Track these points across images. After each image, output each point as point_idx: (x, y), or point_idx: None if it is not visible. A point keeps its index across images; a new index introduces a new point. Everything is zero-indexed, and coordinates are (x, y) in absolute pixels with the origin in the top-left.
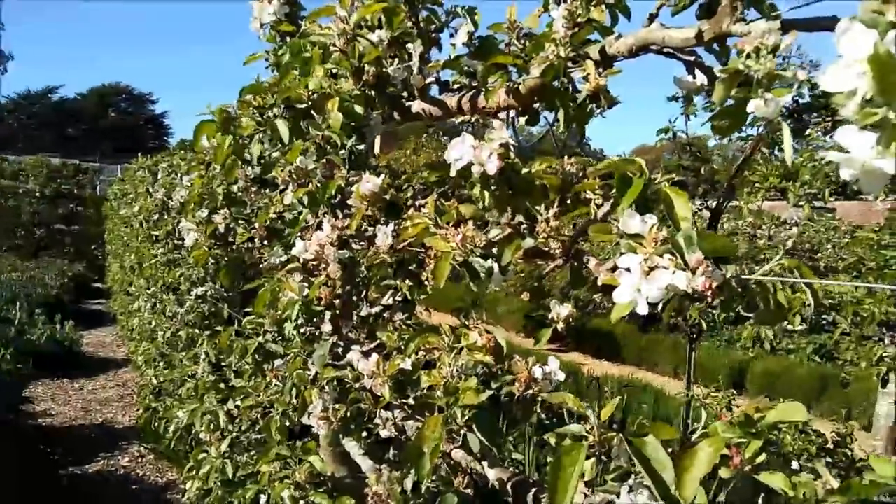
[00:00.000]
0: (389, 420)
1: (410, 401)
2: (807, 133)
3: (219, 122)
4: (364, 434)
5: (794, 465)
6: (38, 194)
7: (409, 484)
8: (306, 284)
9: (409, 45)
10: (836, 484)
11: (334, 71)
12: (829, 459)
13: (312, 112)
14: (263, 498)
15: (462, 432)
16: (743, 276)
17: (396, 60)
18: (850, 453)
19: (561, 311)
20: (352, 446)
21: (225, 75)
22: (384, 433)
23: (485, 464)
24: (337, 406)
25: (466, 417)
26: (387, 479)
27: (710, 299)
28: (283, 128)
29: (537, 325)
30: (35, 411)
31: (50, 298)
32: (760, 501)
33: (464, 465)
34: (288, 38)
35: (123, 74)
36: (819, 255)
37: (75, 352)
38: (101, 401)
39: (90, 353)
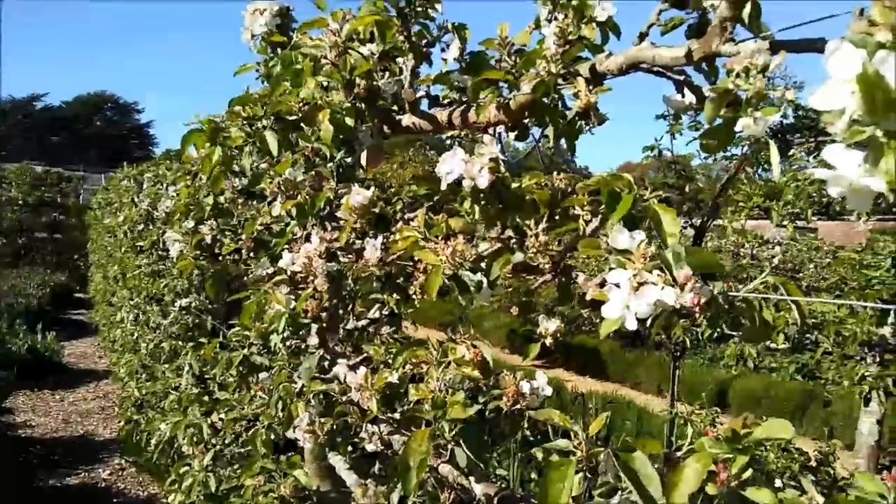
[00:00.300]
0: (376, 434)
1: (396, 415)
2: (790, 153)
3: (207, 132)
4: (349, 448)
5: (778, 482)
6: (20, 202)
7: (395, 498)
8: (293, 297)
9: (399, 59)
10: (821, 500)
11: (325, 83)
12: (812, 477)
13: (302, 124)
14: None
15: (449, 447)
16: (730, 293)
17: (387, 74)
18: (832, 472)
19: (549, 325)
20: (337, 460)
21: (212, 83)
22: (370, 447)
23: (472, 479)
24: (323, 419)
25: (454, 431)
26: (372, 494)
27: (697, 315)
28: (271, 139)
29: (524, 340)
30: (15, 422)
31: (31, 308)
32: None
33: (450, 480)
34: (279, 50)
35: (108, 81)
36: (801, 274)
37: (56, 362)
38: (81, 412)
39: (71, 363)
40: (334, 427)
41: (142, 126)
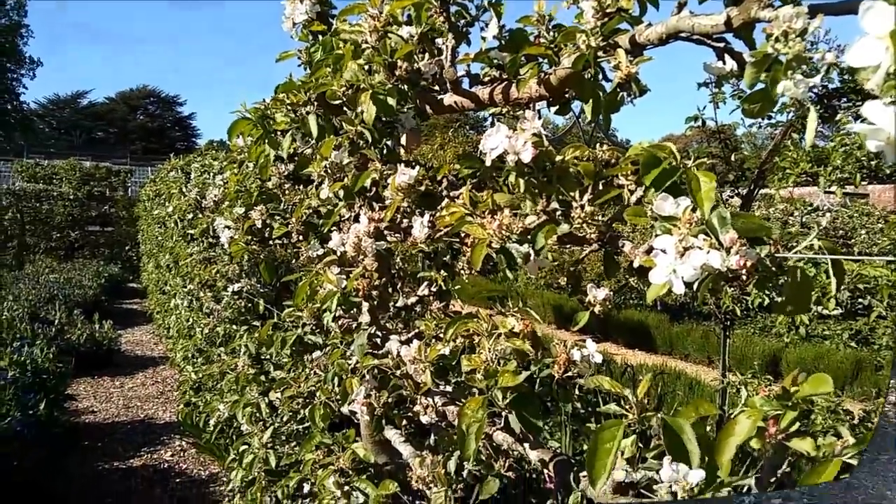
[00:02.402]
0: (430, 406)
1: (449, 388)
2: (837, 118)
3: (254, 119)
4: (403, 422)
5: (821, 440)
6: (71, 197)
7: (451, 466)
8: (344, 276)
9: (438, 40)
10: (852, 440)
11: (366, 66)
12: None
13: (345, 107)
14: (307, 486)
15: (504, 414)
16: (777, 255)
17: (426, 55)
18: (872, 425)
19: (598, 293)
20: (392, 434)
21: (248, 77)
22: (425, 419)
23: (526, 445)
24: (379, 393)
25: (507, 400)
26: (430, 464)
27: (744, 278)
28: (313, 123)
29: (570, 314)
30: (78, 408)
31: (88, 298)
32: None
33: (505, 448)
34: (320, 37)
35: (150, 76)
36: (853, 240)
37: (114, 350)
38: (141, 397)
39: (128, 351)
40: (389, 400)
41: (184, 118)
